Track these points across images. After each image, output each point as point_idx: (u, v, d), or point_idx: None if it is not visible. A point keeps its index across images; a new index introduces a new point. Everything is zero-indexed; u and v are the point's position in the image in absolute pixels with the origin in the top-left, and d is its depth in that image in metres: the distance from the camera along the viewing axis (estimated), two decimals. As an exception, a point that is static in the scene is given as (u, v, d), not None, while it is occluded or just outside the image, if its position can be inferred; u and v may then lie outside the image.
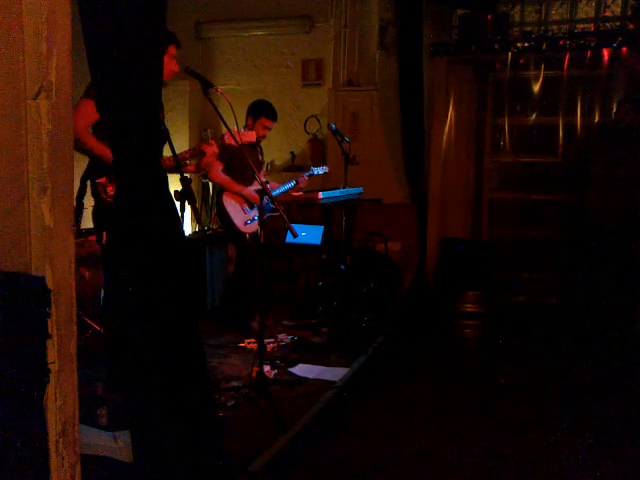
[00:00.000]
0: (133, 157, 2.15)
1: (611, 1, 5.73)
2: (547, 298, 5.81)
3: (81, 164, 3.31)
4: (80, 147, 3.17)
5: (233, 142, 3.68)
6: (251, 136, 3.99)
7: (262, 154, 5.08)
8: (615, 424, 3.51)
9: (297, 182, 4.89)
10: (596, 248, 5.16)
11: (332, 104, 6.44)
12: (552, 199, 5.87)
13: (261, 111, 4.77)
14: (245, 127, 4.74)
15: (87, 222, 4.06)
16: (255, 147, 4.89)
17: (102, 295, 3.79)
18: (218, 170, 4.62)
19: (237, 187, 4.64)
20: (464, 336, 5.28)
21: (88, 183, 3.40)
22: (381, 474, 2.93)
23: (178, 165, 2.84)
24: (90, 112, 3.00)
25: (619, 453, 3.16)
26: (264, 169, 5.11)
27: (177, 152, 3.46)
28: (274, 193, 4.84)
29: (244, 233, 4.68)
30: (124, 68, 1.99)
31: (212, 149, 3.64)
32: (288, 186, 4.87)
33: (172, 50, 3.46)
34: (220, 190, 4.75)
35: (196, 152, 3.67)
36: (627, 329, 4.98)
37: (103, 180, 3.28)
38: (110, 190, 3.24)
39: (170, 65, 3.43)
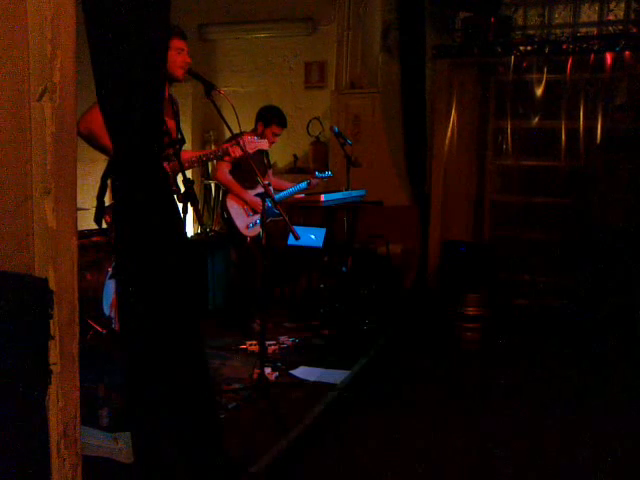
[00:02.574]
0: (135, 157, 2.16)
1: (614, 5, 5.72)
2: (549, 300, 5.80)
3: (85, 165, 3.32)
4: (99, 146, 3.16)
5: (248, 148, 3.69)
6: (265, 144, 4.02)
7: (268, 158, 5.09)
8: (615, 424, 3.51)
9: (309, 183, 4.90)
10: (597, 250, 5.16)
11: (334, 106, 6.44)
12: (554, 202, 5.86)
13: (272, 119, 4.79)
14: (254, 131, 4.77)
15: (89, 223, 4.06)
16: (260, 151, 4.90)
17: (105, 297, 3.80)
18: (225, 171, 4.63)
19: (240, 191, 4.65)
20: (465, 338, 5.26)
21: (109, 182, 3.38)
22: (381, 475, 2.93)
23: (182, 171, 2.84)
24: None
25: (619, 453, 3.15)
26: (271, 170, 5.12)
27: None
28: (286, 192, 4.87)
29: (245, 236, 4.69)
30: (127, 69, 2.00)
31: (238, 152, 3.60)
32: (300, 186, 4.89)
33: (176, 43, 3.27)
34: (225, 192, 4.76)
35: (223, 151, 3.66)
36: (629, 330, 4.97)
37: None
38: None
39: (179, 59, 3.29)
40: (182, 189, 2.79)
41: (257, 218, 4.68)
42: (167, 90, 3.38)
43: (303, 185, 4.91)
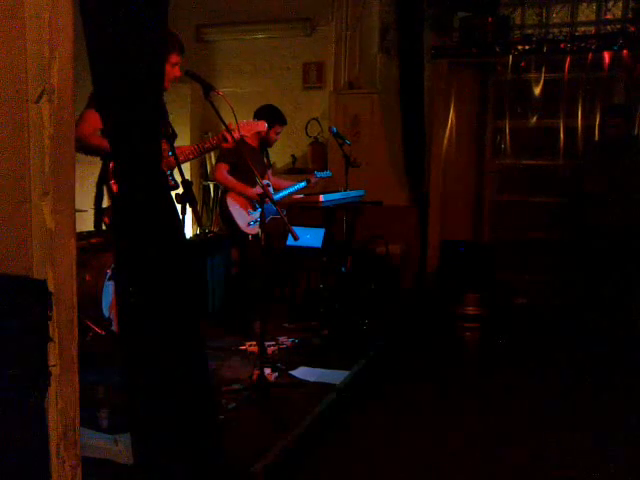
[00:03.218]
0: (133, 159, 2.16)
1: (612, 4, 5.73)
2: (548, 300, 5.81)
3: (83, 167, 3.32)
4: (93, 149, 3.24)
5: (245, 131, 3.73)
6: (262, 125, 4.03)
7: (267, 158, 5.10)
8: (615, 424, 3.51)
9: (309, 181, 4.92)
10: (596, 249, 5.16)
11: (333, 107, 6.44)
12: (553, 201, 5.87)
13: (274, 119, 4.82)
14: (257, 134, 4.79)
15: (88, 225, 4.07)
16: (261, 151, 4.92)
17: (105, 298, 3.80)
18: (224, 171, 4.64)
19: (241, 187, 4.65)
20: (465, 338, 5.28)
21: (104, 188, 3.42)
22: (382, 475, 2.93)
23: (179, 167, 2.84)
24: (95, 120, 3.01)
25: (619, 453, 3.16)
26: (270, 171, 5.13)
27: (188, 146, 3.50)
28: (285, 192, 4.88)
29: (246, 234, 4.69)
30: (125, 71, 2.00)
31: (235, 135, 3.63)
32: (299, 186, 4.90)
33: (173, 58, 3.40)
34: (224, 191, 4.76)
35: (220, 138, 3.69)
36: (627, 329, 4.98)
37: None
38: None
39: (171, 73, 3.39)
40: (180, 187, 2.80)
41: (258, 215, 4.67)
42: None
43: (302, 184, 4.92)
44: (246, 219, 4.68)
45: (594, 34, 5.66)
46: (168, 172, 3.18)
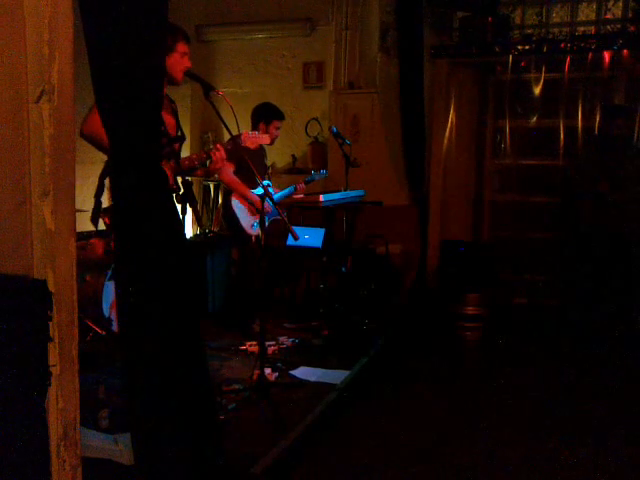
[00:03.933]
0: (134, 158, 2.16)
1: (612, 3, 5.73)
2: (548, 299, 5.80)
3: (83, 167, 3.32)
4: (105, 147, 3.16)
5: (249, 144, 3.70)
6: (266, 139, 4.03)
7: (266, 158, 5.11)
8: (615, 424, 3.51)
9: (295, 188, 4.91)
10: (597, 249, 5.16)
11: (333, 107, 6.44)
12: (553, 201, 5.86)
13: (272, 115, 4.84)
14: (258, 131, 4.77)
15: (88, 225, 4.06)
16: (262, 151, 4.92)
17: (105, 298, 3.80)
18: (229, 171, 4.64)
19: (244, 190, 4.65)
20: (465, 338, 5.27)
21: (106, 181, 3.38)
22: (382, 475, 2.93)
23: (181, 169, 2.84)
24: None
25: (619, 453, 3.16)
26: (270, 172, 5.13)
27: (183, 156, 3.47)
28: (274, 196, 4.87)
29: (249, 235, 4.69)
30: (125, 70, 2.00)
31: (220, 154, 3.56)
32: (286, 192, 4.89)
33: (181, 47, 3.30)
34: (228, 192, 4.77)
35: (204, 156, 3.62)
36: (627, 329, 4.98)
37: None
38: None
39: (181, 63, 3.30)
40: (181, 189, 2.80)
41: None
42: (165, 89, 3.38)
43: (290, 190, 4.89)
44: (250, 221, 4.68)
45: (594, 34, 5.65)
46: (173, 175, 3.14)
